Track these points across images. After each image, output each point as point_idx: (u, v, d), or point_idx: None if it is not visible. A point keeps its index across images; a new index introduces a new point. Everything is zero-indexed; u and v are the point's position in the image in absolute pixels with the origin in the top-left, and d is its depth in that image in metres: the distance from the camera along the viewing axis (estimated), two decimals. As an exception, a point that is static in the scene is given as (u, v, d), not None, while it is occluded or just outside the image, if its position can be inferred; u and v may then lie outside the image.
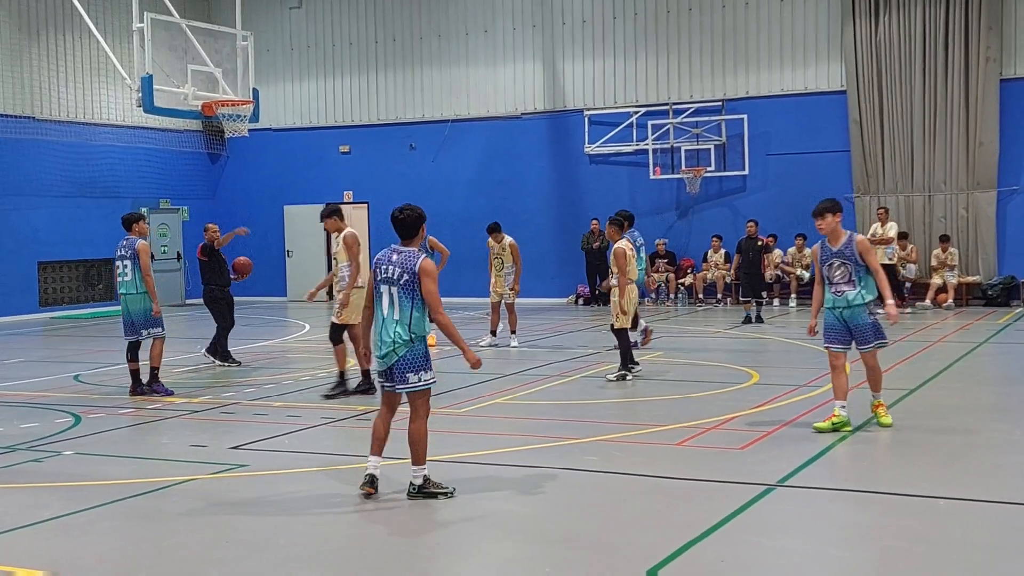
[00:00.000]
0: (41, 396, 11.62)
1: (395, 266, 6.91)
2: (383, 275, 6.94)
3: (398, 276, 6.88)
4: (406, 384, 6.94)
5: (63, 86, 22.75)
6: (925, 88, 20.40)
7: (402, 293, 6.87)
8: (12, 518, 6.66)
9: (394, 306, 6.88)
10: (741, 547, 5.87)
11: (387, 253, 7.03)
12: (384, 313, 6.91)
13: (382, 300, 6.93)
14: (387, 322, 6.90)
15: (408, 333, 6.87)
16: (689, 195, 22.18)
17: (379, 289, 6.95)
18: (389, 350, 6.89)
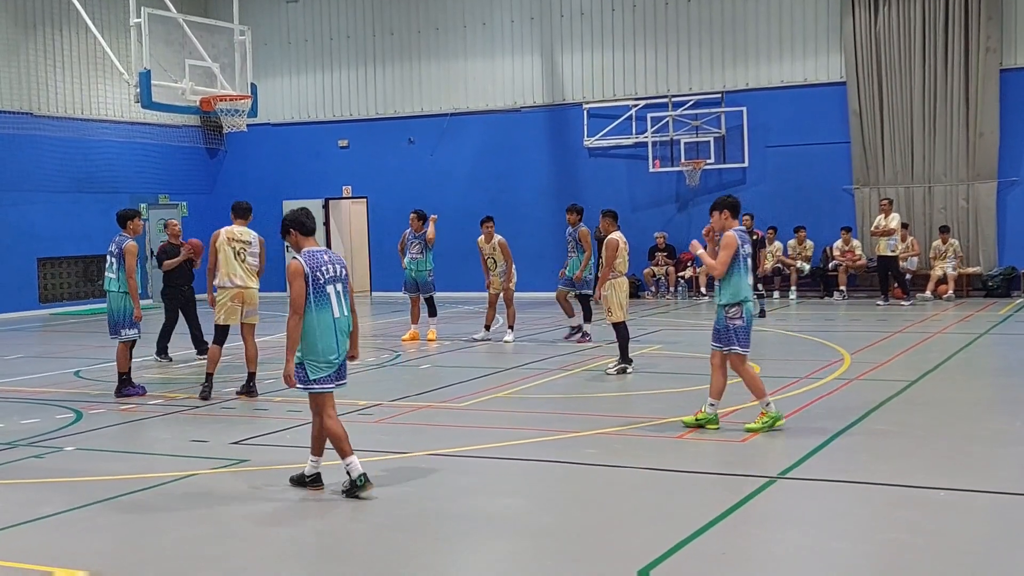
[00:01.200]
0: (42, 392, 11.62)
1: (333, 264, 7.06)
2: (328, 276, 6.97)
3: (339, 273, 7.05)
4: (345, 378, 7.11)
5: (60, 81, 22.70)
6: (925, 79, 20.36)
7: (344, 289, 7.07)
8: (13, 514, 6.66)
9: (342, 304, 7.03)
10: (743, 539, 5.87)
11: (315, 255, 7.01)
12: (336, 313, 6.97)
13: (330, 301, 6.94)
14: (339, 322, 6.99)
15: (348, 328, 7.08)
16: (688, 188, 22.15)
17: (324, 291, 6.92)
18: (344, 348, 7.02)
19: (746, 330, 8.66)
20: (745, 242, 8.73)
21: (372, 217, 25.33)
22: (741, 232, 8.73)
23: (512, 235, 21.77)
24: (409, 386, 11.50)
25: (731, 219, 8.78)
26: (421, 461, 7.91)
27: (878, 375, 11.20)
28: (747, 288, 8.66)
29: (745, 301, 8.63)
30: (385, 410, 9.96)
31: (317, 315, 6.89)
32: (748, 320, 8.67)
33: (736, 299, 8.61)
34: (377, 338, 16.71)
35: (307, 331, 6.88)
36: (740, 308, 8.60)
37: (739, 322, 8.62)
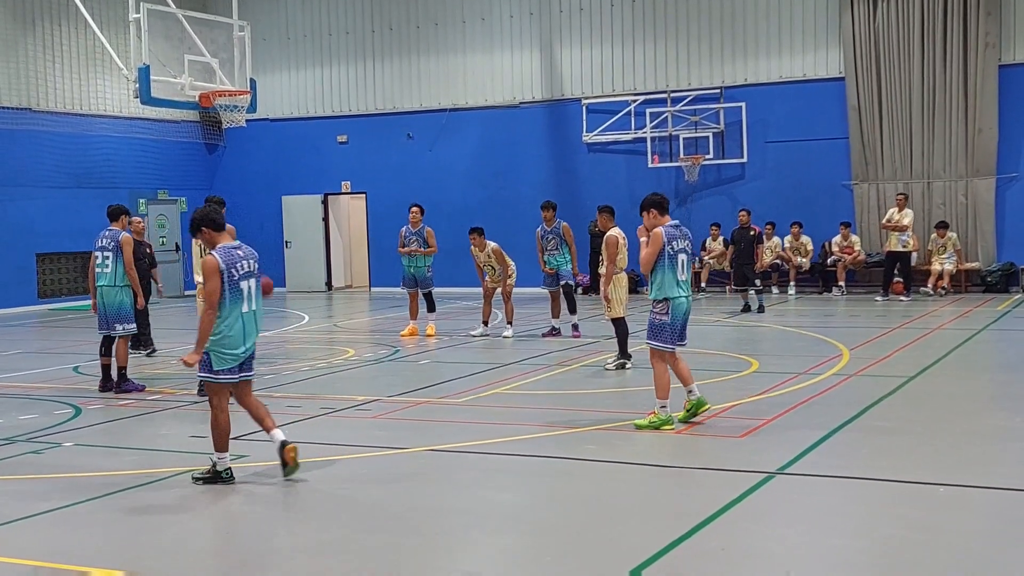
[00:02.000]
0: (40, 388, 11.61)
1: (248, 260, 7.20)
2: (242, 271, 7.12)
3: (253, 268, 7.22)
4: (253, 372, 7.34)
5: (59, 77, 22.68)
6: (924, 74, 20.36)
7: (257, 284, 7.24)
8: (12, 509, 6.66)
9: (252, 298, 7.20)
10: (742, 535, 5.87)
11: (229, 251, 7.13)
12: (248, 308, 7.16)
13: (242, 295, 7.11)
14: (252, 315, 7.18)
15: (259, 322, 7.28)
16: (688, 183, 22.15)
17: (238, 286, 7.08)
18: (254, 340, 7.22)
19: (671, 327, 8.52)
20: (674, 239, 8.58)
21: (371, 213, 25.32)
22: (671, 229, 8.60)
23: (511, 231, 21.86)
24: (407, 382, 11.49)
25: (659, 216, 8.67)
26: (419, 457, 7.91)
27: (877, 371, 11.21)
28: (676, 286, 8.51)
29: (673, 299, 8.50)
30: (383, 406, 9.96)
31: (230, 309, 7.10)
32: (675, 318, 8.52)
33: (661, 295, 8.54)
34: (375, 334, 16.72)
35: (221, 324, 7.07)
36: (666, 305, 8.52)
37: (664, 318, 8.53)
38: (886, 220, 19.48)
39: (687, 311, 8.62)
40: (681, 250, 8.60)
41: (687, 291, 8.63)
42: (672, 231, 8.61)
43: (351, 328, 17.86)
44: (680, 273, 8.55)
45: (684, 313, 8.59)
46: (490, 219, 22.28)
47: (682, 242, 8.62)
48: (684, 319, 8.61)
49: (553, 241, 14.72)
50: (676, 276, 8.53)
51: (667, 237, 8.53)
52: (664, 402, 8.50)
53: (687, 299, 8.61)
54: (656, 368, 8.60)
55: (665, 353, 8.58)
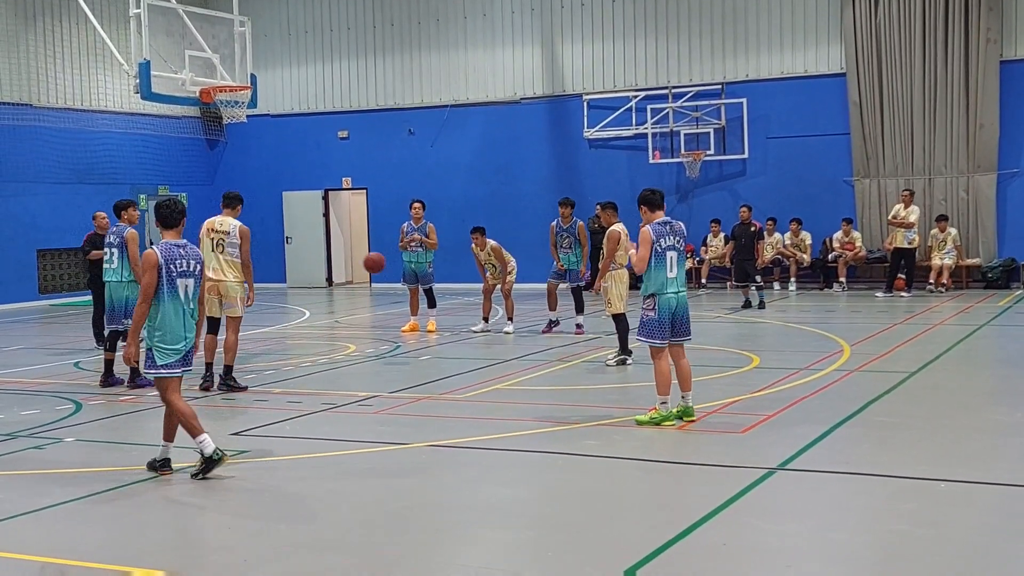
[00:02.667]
0: (41, 383, 11.62)
1: (189, 259, 7.31)
2: (180, 269, 7.26)
3: (192, 268, 7.32)
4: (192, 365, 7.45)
5: (60, 72, 22.66)
6: (925, 70, 20.33)
7: (196, 284, 7.35)
8: (13, 505, 6.66)
9: (189, 296, 7.31)
10: (743, 531, 5.88)
11: (172, 248, 7.29)
12: (184, 306, 7.27)
13: (179, 292, 7.25)
14: (186, 311, 7.30)
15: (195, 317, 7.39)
16: (689, 179, 22.14)
17: (175, 283, 7.23)
18: (191, 337, 7.32)
19: (658, 323, 8.49)
20: (662, 236, 8.52)
21: (372, 208, 25.31)
22: (658, 226, 8.56)
23: (512, 227, 21.89)
24: (408, 377, 11.50)
25: (649, 213, 8.64)
26: (420, 452, 7.91)
27: (878, 366, 11.21)
28: (664, 282, 8.47)
29: (660, 294, 8.48)
30: (384, 401, 9.97)
31: (169, 304, 7.22)
32: (662, 314, 8.49)
33: (648, 292, 8.54)
34: (376, 329, 16.72)
35: (159, 319, 7.22)
36: (654, 300, 8.50)
37: (651, 314, 8.51)
38: (892, 216, 19.47)
39: (677, 307, 8.54)
40: (670, 247, 8.54)
41: (677, 287, 8.57)
42: (660, 228, 8.56)
43: (352, 324, 17.87)
44: (669, 270, 8.50)
45: (673, 309, 8.51)
46: (491, 215, 22.32)
47: (671, 239, 8.56)
48: (675, 315, 8.54)
49: (568, 239, 14.69)
50: (664, 273, 8.49)
51: (655, 235, 8.50)
52: (664, 398, 8.51)
53: (676, 295, 8.54)
54: (656, 365, 8.60)
55: (663, 349, 8.57)
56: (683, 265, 8.69)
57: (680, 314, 8.59)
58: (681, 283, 8.64)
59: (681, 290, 8.62)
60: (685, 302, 8.66)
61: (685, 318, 8.64)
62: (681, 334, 8.65)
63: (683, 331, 8.65)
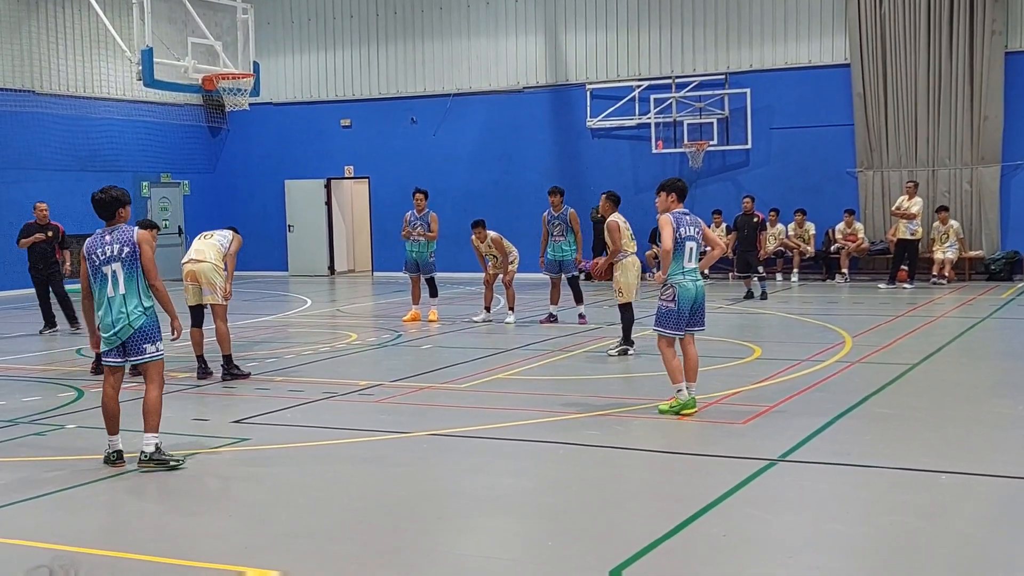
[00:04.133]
0: (43, 370, 11.64)
1: (111, 245, 7.19)
2: (103, 257, 7.18)
3: (117, 253, 7.17)
4: (143, 355, 7.27)
5: (63, 59, 22.63)
6: (930, 61, 20.27)
7: (125, 268, 7.17)
8: (15, 491, 6.67)
9: (118, 283, 7.17)
10: (743, 521, 5.88)
11: (97, 237, 7.28)
12: (111, 292, 7.17)
13: (107, 280, 7.18)
14: (113, 300, 7.16)
15: (141, 306, 7.18)
16: (692, 169, 22.09)
17: (100, 271, 7.19)
18: (124, 325, 7.15)
19: (676, 314, 8.54)
20: (682, 224, 8.60)
21: (374, 197, 25.29)
22: (679, 215, 8.65)
23: (514, 216, 21.86)
24: (410, 366, 11.50)
25: (676, 203, 8.75)
26: (422, 441, 7.92)
27: (880, 358, 11.20)
28: (682, 272, 8.53)
29: (679, 284, 8.52)
30: (386, 390, 9.97)
31: (97, 294, 7.26)
32: (681, 305, 8.54)
33: (669, 281, 8.58)
34: (378, 318, 16.72)
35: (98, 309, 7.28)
36: (673, 291, 8.55)
37: (671, 305, 8.56)
38: (896, 207, 19.44)
39: (694, 298, 8.59)
40: (689, 237, 8.59)
41: (695, 277, 8.61)
42: (681, 216, 8.64)
43: (354, 312, 17.87)
44: (687, 260, 8.55)
45: (691, 300, 8.56)
46: (494, 204, 22.31)
47: (690, 229, 8.61)
48: (692, 305, 8.59)
49: (560, 227, 14.67)
50: (682, 263, 8.54)
51: (675, 222, 8.57)
52: (679, 386, 8.51)
53: (695, 285, 8.59)
54: (663, 354, 8.60)
55: (672, 339, 8.58)
56: (699, 256, 8.74)
57: (698, 305, 8.63)
58: (697, 273, 8.68)
59: (699, 280, 8.66)
60: (703, 292, 8.70)
61: (702, 309, 8.68)
62: (695, 324, 8.69)
63: (698, 322, 8.71)
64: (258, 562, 5.33)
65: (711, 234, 8.85)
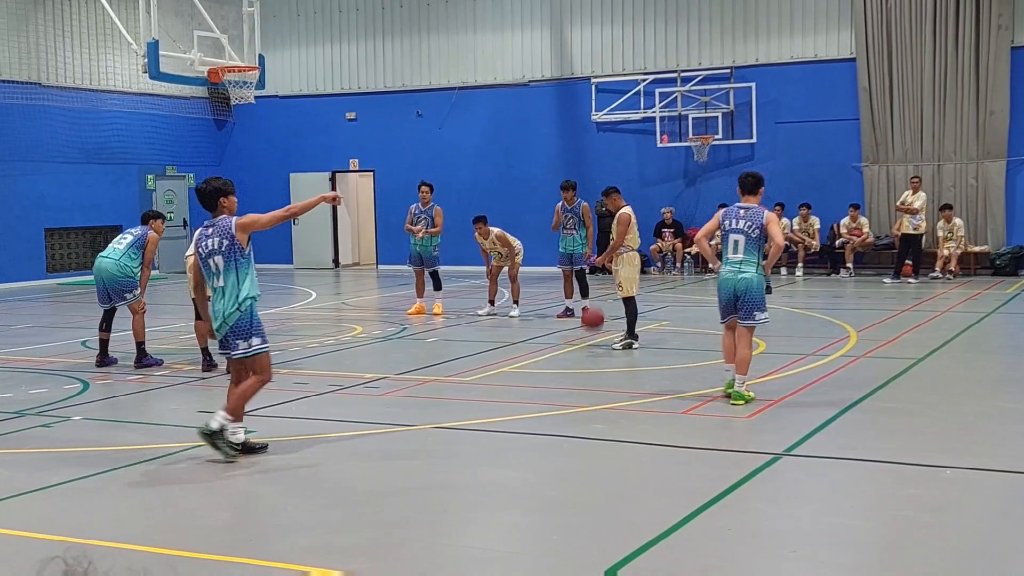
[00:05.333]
0: (49, 362, 11.66)
1: (212, 238, 7.20)
2: (205, 251, 7.21)
3: (218, 245, 7.16)
4: (235, 351, 7.27)
5: (69, 52, 22.65)
6: (935, 56, 20.23)
7: (226, 261, 7.16)
8: (21, 483, 6.70)
9: (219, 276, 7.18)
10: (748, 515, 5.89)
11: (203, 229, 7.30)
12: (215, 284, 7.21)
13: (211, 275, 7.25)
14: (216, 293, 7.21)
15: (236, 301, 7.15)
16: (697, 163, 22.08)
17: (206, 264, 7.24)
18: (221, 322, 7.22)
19: (718, 300, 9.02)
20: (728, 217, 8.88)
21: (379, 190, 25.30)
22: (734, 208, 8.94)
23: (519, 210, 21.87)
24: (415, 360, 11.51)
25: (743, 195, 9.04)
26: (427, 434, 7.94)
27: (885, 352, 11.20)
28: (724, 263, 8.87)
29: (719, 274, 8.93)
30: (392, 383, 9.99)
31: (207, 285, 7.35)
32: (720, 292, 8.95)
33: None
34: (383, 311, 16.74)
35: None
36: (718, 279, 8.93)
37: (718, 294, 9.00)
38: (900, 202, 19.41)
39: (730, 287, 8.81)
40: (733, 229, 8.81)
41: (736, 268, 8.79)
42: (732, 210, 8.95)
43: (358, 305, 17.89)
44: (730, 251, 8.83)
45: (726, 289, 8.84)
46: (498, 198, 22.31)
47: (738, 222, 8.81)
48: (728, 295, 8.84)
49: (572, 220, 14.68)
50: (726, 253, 8.87)
51: (723, 216, 8.98)
52: (741, 377, 8.75)
53: (733, 275, 8.79)
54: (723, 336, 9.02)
55: (724, 325, 8.99)
56: (752, 249, 8.77)
57: (743, 293, 8.77)
58: (738, 264, 8.79)
59: (743, 272, 8.75)
60: (746, 284, 8.74)
61: (746, 299, 8.77)
62: (743, 316, 8.80)
63: (744, 314, 8.79)
64: (265, 554, 5.35)
65: (770, 229, 8.79)
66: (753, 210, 8.84)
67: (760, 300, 8.79)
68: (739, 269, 8.76)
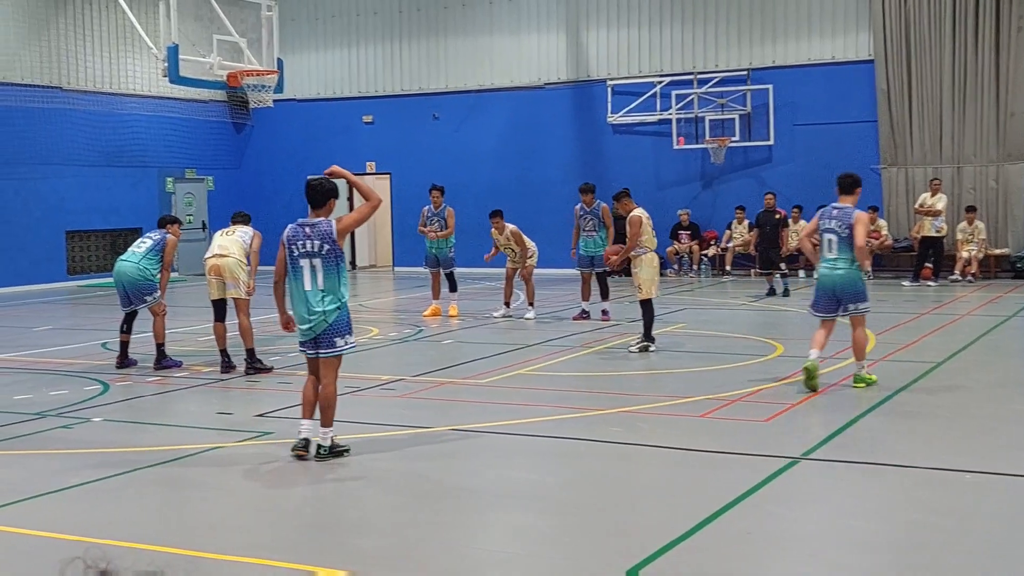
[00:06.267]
0: (70, 363, 11.74)
1: (312, 239, 7.21)
2: (301, 250, 7.21)
3: (319, 248, 7.20)
4: (333, 348, 7.29)
5: (89, 56, 22.82)
6: (955, 57, 20.12)
7: (325, 264, 7.20)
8: (42, 484, 6.74)
9: (317, 278, 7.20)
10: (766, 519, 5.87)
11: (299, 228, 7.28)
12: (307, 286, 7.20)
13: (302, 274, 7.22)
14: (312, 294, 7.20)
15: (337, 300, 7.20)
16: (713, 165, 22.03)
17: (298, 264, 7.22)
18: (319, 320, 7.16)
19: (816, 296, 9.52)
20: (823, 218, 9.52)
21: (395, 193, 25.35)
22: (827, 209, 9.58)
23: (536, 212, 21.87)
24: (431, 361, 11.54)
25: (840, 195, 9.64)
26: (443, 436, 7.95)
27: (904, 356, 11.15)
28: (821, 260, 9.46)
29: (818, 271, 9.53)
30: (408, 385, 10.01)
31: (292, 284, 7.30)
32: (818, 288, 9.50)
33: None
34: (399, 313, 16.77)
35: (288, 295, 7.39)
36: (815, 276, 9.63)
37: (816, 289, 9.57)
38: (919, 205, 19.31)
39: (828, 283, 9.32)
40: (827, 229, 9.39)
41: (831, 265, 9.33)
42: (827, 211, 9.50)
43: (375, 307, 17.93)
44: (826, 250, 9.39)
45: (823, 285, 9.35)
46: (515, 200, 22.30)
47: (831, 222, 9.38)
48: (826, 291, 9.34)
49: (591, 222, 14.68)
50: (823, 251, 9.44)
51: (820, 216, 9.56)
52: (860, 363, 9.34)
53: (829, 272, 9.32)
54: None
55: (817, 320, 9.51)
56: (844, 247, 9.28)
57: (840, 289, 9.26)
58: (834, 262, 9.31)
59: (837, 268, 9.28)
60: (842, 279, 9.26)
61: (848, 293, 9.26)
62: (839, 309, 9.34)
63: (846, 307, 9.30)
64: (281, 555, 5.37)
65: (856, 228, 9.28)
66: (845, 210, 9.40)
67: (859, 291, 9.32)
68: (834, 266, 9.32)
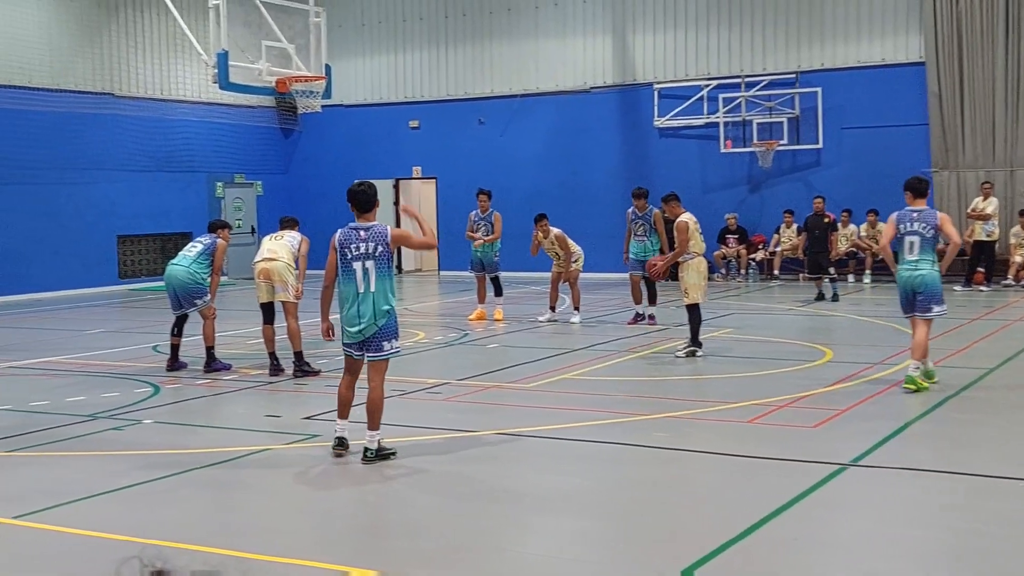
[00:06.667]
0: (121, 366, 11.92)
1: (367, 242, 7.28)
2: (354, 252, 7.28)
3: (373, 250, 7.26)
4: (380, 352, 7.36)
5: (140, 63, 23.18)
6: (1007, 59, 19.78)
7: (379, 266, 7.26)
8: (94, 484, 6.85)
9: (370, 280, 7.26)
10: (815, 525, 5.82)
11: (351, 232, 7.36)
12: (360, 288, 7.26)
13: (354, 277, 7.27)
14: (364, 296, 7.26)
15: (387, 303, 7.28)
16: (761, 169, 21.86)
17: (350, 267, 7.28)
18: (369, 323, 7.20)
19: (899, 297, 9.64)
20: (903, 221, 9.56)
21: (441, 197, 25.45)
22: (905, 212, 9.61)
23: (582, 216, 21.84)
24: (476, 365, 11.56)
25: (910, 199, 9.69)
26: (488, 439, 7.96)
27: (955, 362, 10.97)
28: (902, 262, 9.54)
29: (898, 272, 9.57)
30: (453, 388, 10.04)
31: (343, 287, 7.34)
32: (900, 288, 9.57)
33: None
34: (445, 317, 16.83)
35: (338, 299, 7.40)
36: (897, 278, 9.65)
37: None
38: (971, 209, 19.02)
39: (909, 284, 9.43)
40: (910, 231, 9.50)
41: (912, 267, 9.45)
42: (905, 214, 9.59)
43: (421, 311, 18.01)
44: (907, 252, 9.50)
45: (905, 285, 9.46)
46: (560, 205, 22.28)
47: (913, 225, 9.51)
48: (908, 291, 9.45)
49: (643, 227, 14.63)
50: (902, 254, 9.53)
51: (898, 220, 9.62)
52: (915, 363, 9.30)
53: (910, 273, 9.43)
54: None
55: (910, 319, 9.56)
56: (927, 248, 9.47)
57: (919, 290, 9.38)
58: (916, 264, 9.43)
59: (919, 269, 9.41)
60: (923, 281, 9.37)
61: (926, 295, 9.37)
62: (918, 309, 9.43)
63: (921, 308, 9.41)
64: (325, 557, 5.41)
65: (947, 229, 9.50)
66: (925, 212, 9.58)
67: (936, 294, 9.41)
68: (915, 267, 9.43)
